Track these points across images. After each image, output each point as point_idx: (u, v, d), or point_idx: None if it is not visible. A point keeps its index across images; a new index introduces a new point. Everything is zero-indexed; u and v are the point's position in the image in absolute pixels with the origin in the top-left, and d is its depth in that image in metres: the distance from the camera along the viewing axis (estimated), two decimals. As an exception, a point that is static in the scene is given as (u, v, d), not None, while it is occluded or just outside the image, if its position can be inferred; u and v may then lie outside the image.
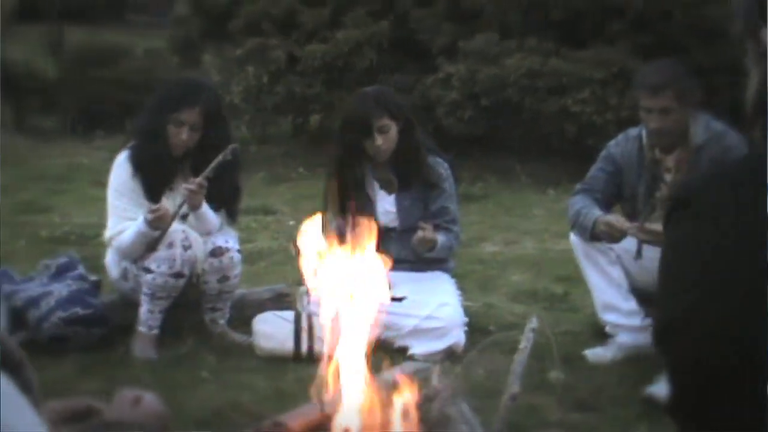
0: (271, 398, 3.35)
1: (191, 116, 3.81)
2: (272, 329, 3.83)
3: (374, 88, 4.19)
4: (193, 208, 3.80)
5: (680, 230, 1.00)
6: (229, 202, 3.97)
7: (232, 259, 3.85)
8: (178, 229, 3.72)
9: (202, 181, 3.74)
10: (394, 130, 3.92)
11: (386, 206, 4.04)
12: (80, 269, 4.05)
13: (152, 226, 3.70)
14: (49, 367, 3.39)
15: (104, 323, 3.86)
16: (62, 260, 4.09)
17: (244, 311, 4.06)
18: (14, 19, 11.41)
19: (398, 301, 3.64)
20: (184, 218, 3.81)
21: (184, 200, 3.76)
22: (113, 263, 3.94)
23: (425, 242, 3.87)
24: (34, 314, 3.77)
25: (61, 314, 3.76)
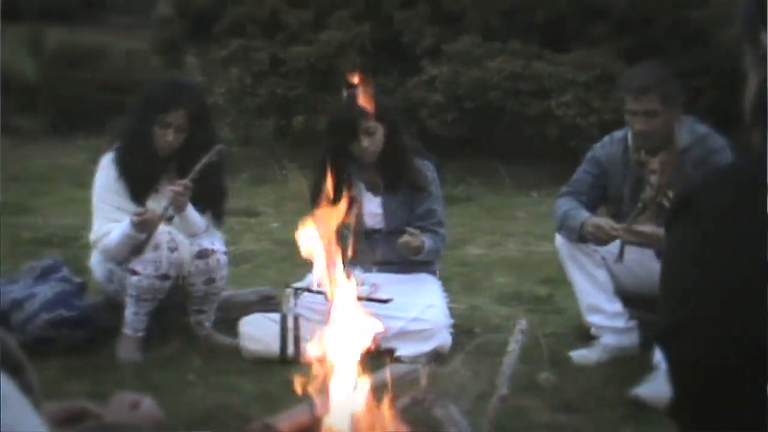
0: (257, 400, 3.34)
1: (177, 118, 3.79)
2: (258, 331, 3.82)
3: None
4: (178, 209, 3.78)
5: (681, 231, 1.01)
6: (214, 203, 3.96)
7: (218, 261, 3.84)
8: (164, 231, 3.71)
9: (187, 182, 3.73)
10: (380, 132, 3.92)
11: (372, 208, 4.04)
12: (65, 271, 4.02)
13: (138, 228, 3.68)
14: (33, 369, 3.36)
15: (89, 325, 3.84)
16: (46, 262, 4.06)
17: (229, 313, 4.05)
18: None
19: (384, 302, 3.64)
20: (169, 220, 3.80)
21: (169, 202, 3.75)
22: (98, 265, 3.91)
23: (411, 247, 3.87)
24: (18, 316, 3.75)
25: (45, 316, 3.74)
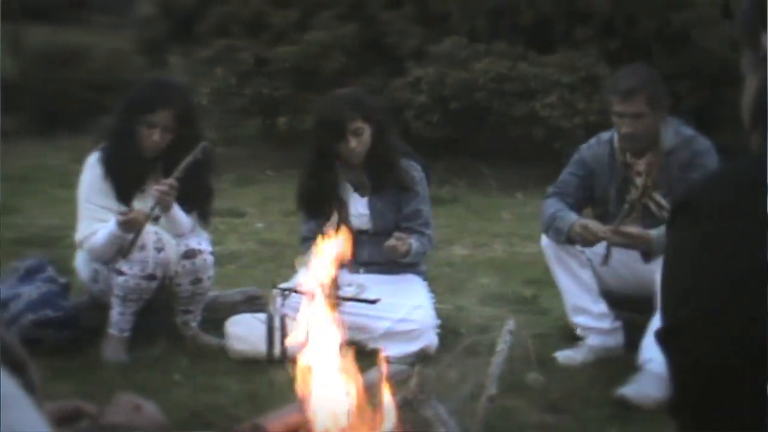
0: (244, 401, 3.33)
1: (163, 118, 3.78)
2: (245, 331, 3.81)
3: (348, 89, 4.19)
4: (164, 209, 3.77)
5: (682, 232, 1.02)
6: (201, 203, 3.95)
7: (205, 261, 3.83)
8: (150, 231, 3.69)
9: (173, 181, 3.72)
10: (367, 132, 3.92)
11: (359, 209, 4.04)
12: (49, 271, 4.00)
13: (124, 228, 3.67)
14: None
15: (75, 326, 3.82)
16: (31, 262, 4.04)
17: (215, 314, 4.04)
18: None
19: (372, 303, 3.65)
20: (156, 220, 3.79)
21: (155, 202, 3.73)
22: (84, 265, 3.90)
23: (398, 252, 3.87)
24: (3, 317, 3.72)
25: (30, 316, 3.72)
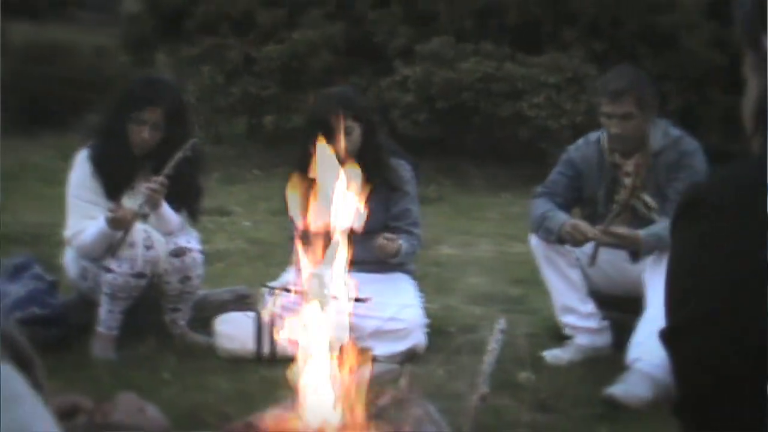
0: (234, 399, 3.33)
1: (153, 115, 3.77)
2: (234, 330, 3.81)
3: (338, 88, 4.19)
4: (153, 207, 3.76)
5: (684, 233, 1.03)
6: (190, 201, 3.94)
7: (194, 259, 3.83)
8: (139, 228, 3.69)
9: (163, 179, 3.71)
10: (357, 131, 3.92)
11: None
12: (37, 269, 3.98)
13: (113, 226, 3.66)
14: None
15: (62, 323, 3.80)
16: (18, 260, 4.02)
17: (204, 312, 4.03)
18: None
19: (362, 302, 3.64)
20: (145, 218, 3.78)
21: (145, 200, 3.73)
22: (72, 262, 3.88)
23: (387, 252, 3.87)
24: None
25: (18, 314, 3.69)
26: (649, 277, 3.63)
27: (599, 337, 3.87)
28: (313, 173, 2.98)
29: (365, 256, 3.97)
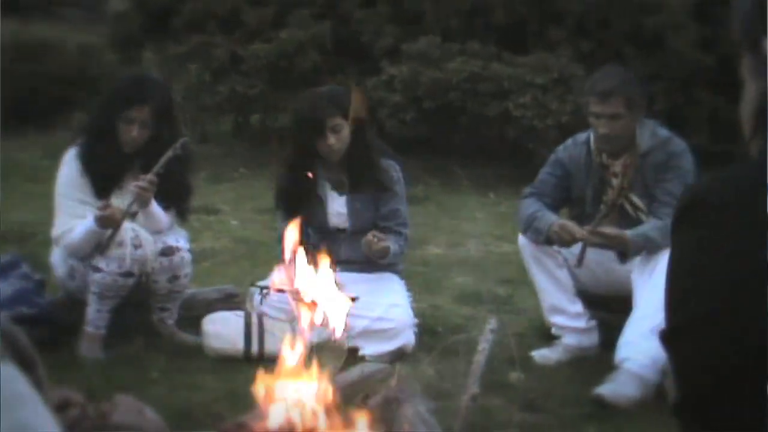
0: (222, 399, 3.33)
1: (141, 113, 3.77)
2: (222, 329, 3.80)
3: (327, 87, 4.19)
4: (142, 205, 3.75)
5: (686, 234, 1.03)
6: (179, 200, 3.93)
7: (182, 258, 3.82)
8: (128, 227, 3.67)
9: (152, 177, 3.70)
10: (346, 129, 3.92)
11: (337, 207, 4.04)
12: (24, 268, 3.96)
13: (101, 224, 3.65)
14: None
15: (50, 323, 3.79)
16: (5, 259, 4.01)
17: (192, 311, 4.02)
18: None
19: (351, 301, 3.64)
20: (133, 217, 3.77)
21: (134, 198, 3.71)
22: (60, 261, 3.87)
23: (374, 249, 3.87)
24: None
25: (5, 313, 3.67)
26: (637, 277, 3.64)
27: (587, 337, 3.88)
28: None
29: (354, 255, 3.98)
